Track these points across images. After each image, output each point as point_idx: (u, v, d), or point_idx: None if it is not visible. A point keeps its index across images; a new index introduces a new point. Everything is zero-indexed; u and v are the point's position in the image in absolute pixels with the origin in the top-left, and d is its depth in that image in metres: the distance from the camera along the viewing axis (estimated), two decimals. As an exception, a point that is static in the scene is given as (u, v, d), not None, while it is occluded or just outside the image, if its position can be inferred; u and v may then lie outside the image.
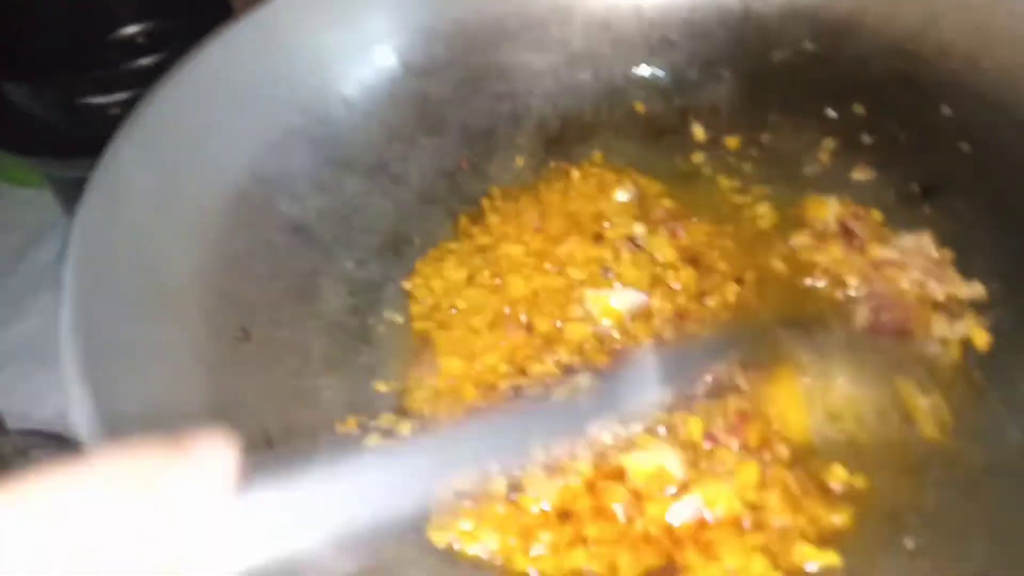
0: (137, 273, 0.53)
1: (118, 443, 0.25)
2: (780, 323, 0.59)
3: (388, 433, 0.56)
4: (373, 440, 0.56)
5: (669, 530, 0.49)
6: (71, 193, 0.89)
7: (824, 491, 0.51)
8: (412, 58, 0.75)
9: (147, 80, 0.64)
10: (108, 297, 0.50)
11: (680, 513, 0.49)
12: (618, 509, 0.50)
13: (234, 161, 0.64)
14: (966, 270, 0.61)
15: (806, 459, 0.52)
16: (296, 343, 0.61)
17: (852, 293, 0.60)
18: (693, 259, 0.64)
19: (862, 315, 0.59)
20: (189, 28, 0.68)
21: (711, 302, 0.61)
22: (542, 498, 0.50)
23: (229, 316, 0.58)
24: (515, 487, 0.51)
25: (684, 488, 0.50)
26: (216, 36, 0.65)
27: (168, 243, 0.57)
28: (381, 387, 0.60)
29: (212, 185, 0.63)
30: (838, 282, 0.61)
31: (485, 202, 0.73)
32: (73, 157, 0.82)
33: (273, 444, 0.52)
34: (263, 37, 0.67)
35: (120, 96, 0.82)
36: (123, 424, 0.44)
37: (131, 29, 0.92)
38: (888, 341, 0.57)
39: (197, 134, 0.62)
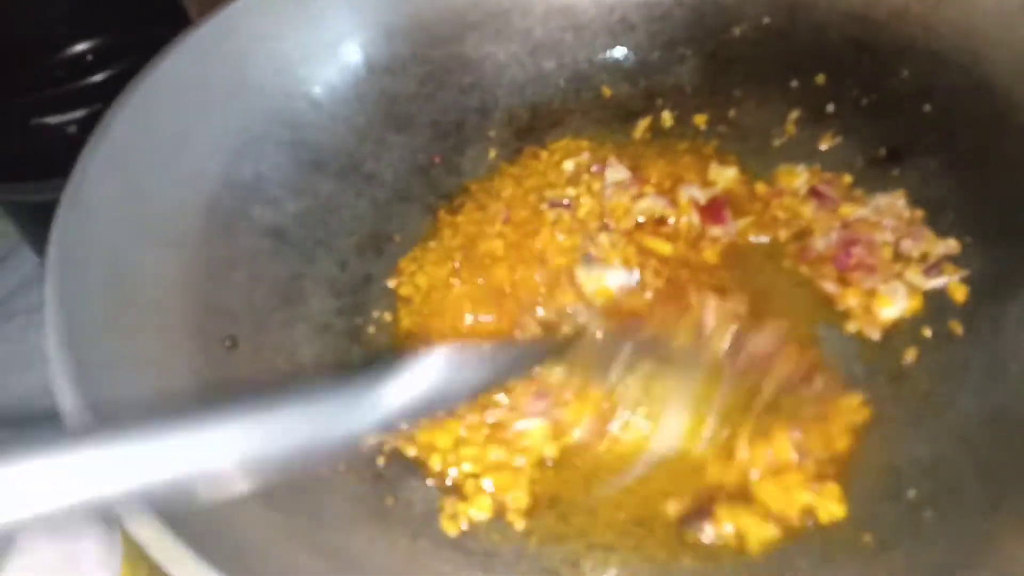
0: (118, 288, 0.52)
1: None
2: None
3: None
4: (370, 441, 0.55)
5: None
6: (29, 218, 0.86)
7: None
8: (376, 56, 0.75)
9: (103, 96, 0.62)
10: (91, 314, 0.49)
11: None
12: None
13: (205, 169, 0.63)
14: (938, 227, 0.63)
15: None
16: (285, 348, 0.60)
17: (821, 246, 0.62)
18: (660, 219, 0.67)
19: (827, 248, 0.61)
20: (143, 42, 0.67)
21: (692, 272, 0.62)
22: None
23: (215, 325, 0.57)
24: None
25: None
26: (176, 44, 0.63)
27: (146, 256, 0.56)
28: (376, 386, 0.60)
29: (185, 195, 0.61)
30: (807, 234, 0.63)
31: (459, 199, 0.73)
32: (31, 180, 0.80)
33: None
34: (223, 42, 0.66)
35: (76, 114, 0.80)
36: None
37: (81, 46, 0.90)
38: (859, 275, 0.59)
39: (165, 145, 0.61)
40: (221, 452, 0.34)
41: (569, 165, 0.73)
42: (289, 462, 0.36)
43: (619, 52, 0.79)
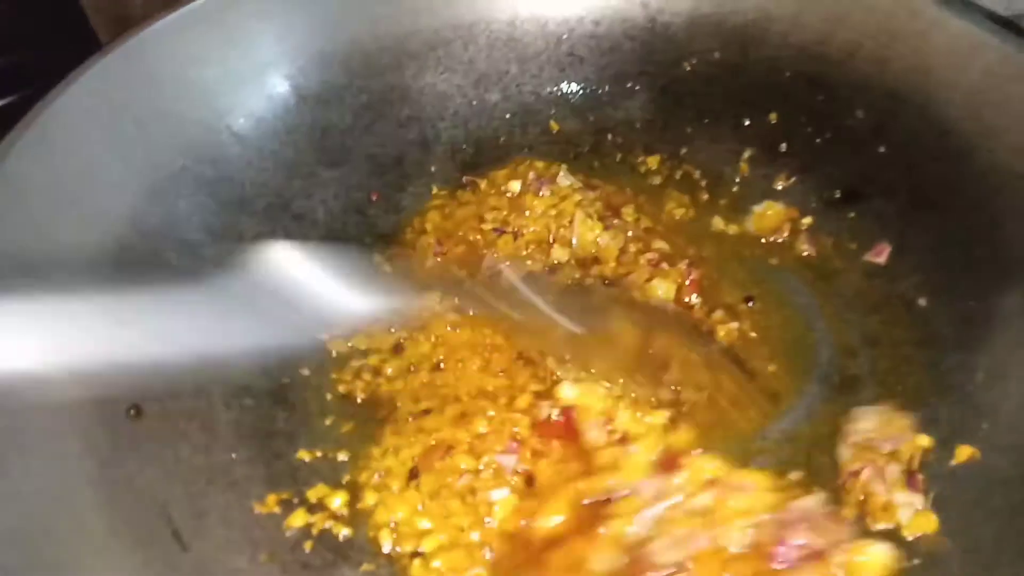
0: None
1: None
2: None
3: (317, 509, 0.50)
4: (298, 519, 0.49)
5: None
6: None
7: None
8: (307, 85, 0.69)
9: (4, 123, 0.55)
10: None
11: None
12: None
13: (112, 211, 0.57)
14: (898, 270, 0.61)
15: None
16: (198, 414, 0.53)
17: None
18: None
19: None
20: (44, 66, 0.60)
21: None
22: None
23: (117, 391, 0.50)
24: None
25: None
26: (82, 70, 0.57)
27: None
28: (305, 456, 0.54)
29: (89, 239, 0.55)
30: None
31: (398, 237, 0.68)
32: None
33: (182, 537, 0.45)
34: (135, 68, 0.60)
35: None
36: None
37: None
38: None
39: (68, 181, 0.54)
40: None
41: (515, 186, 0.69)
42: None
43: (567, 86, 0.75)
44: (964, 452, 0.49)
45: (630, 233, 0.65)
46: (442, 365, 0.58)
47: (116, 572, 0.41)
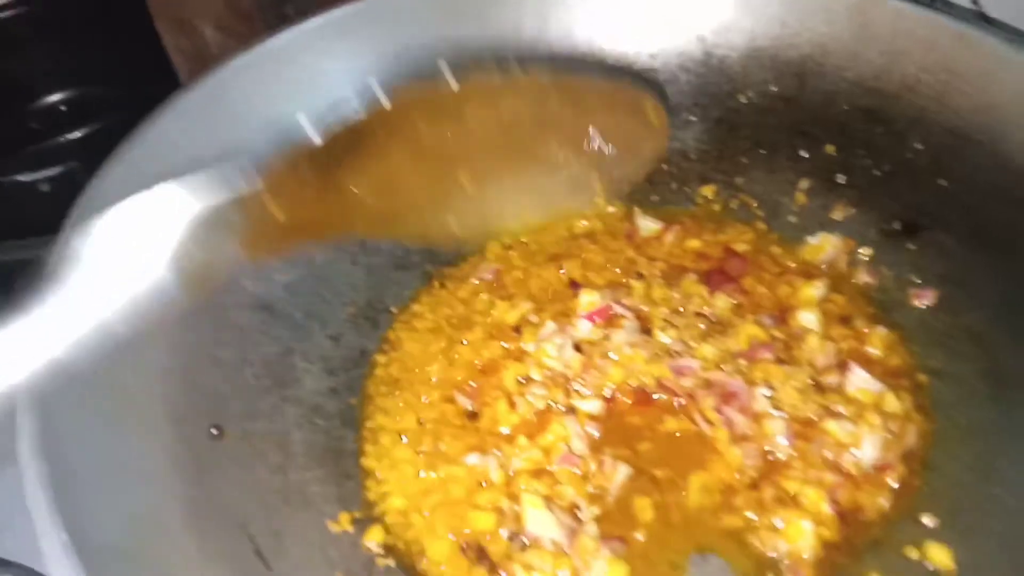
0: (94, 377, 0.48)
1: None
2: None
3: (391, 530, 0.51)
4: (376, 535, 0.51)
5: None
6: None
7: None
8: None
9: (77, 154, 0.59)
10: (66, 408, 0.44)
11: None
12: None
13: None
14: (956, 304, 0.61)
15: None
16: (274, 435, 0.56)
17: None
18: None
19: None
20: (124, 97, 0.64)
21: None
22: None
23: (200, 412, 0.53)
24: None
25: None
26: (165, 107, 0.60)
27: (126, 336, 0.52)
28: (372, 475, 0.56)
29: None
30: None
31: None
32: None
33: (264, 556, 0.47)
34: (216, 104, 0.63)
35: (49, 172, 0.76)
36: (97, 551, 0.38)
37: (53, 97, 0.86)
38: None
39: (150, 214, 0.57)
40: None
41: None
42: None
43: (623, 116, 0.76)
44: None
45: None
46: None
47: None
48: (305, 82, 0.67)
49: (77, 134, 0.77)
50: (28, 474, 0.38)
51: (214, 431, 0.52)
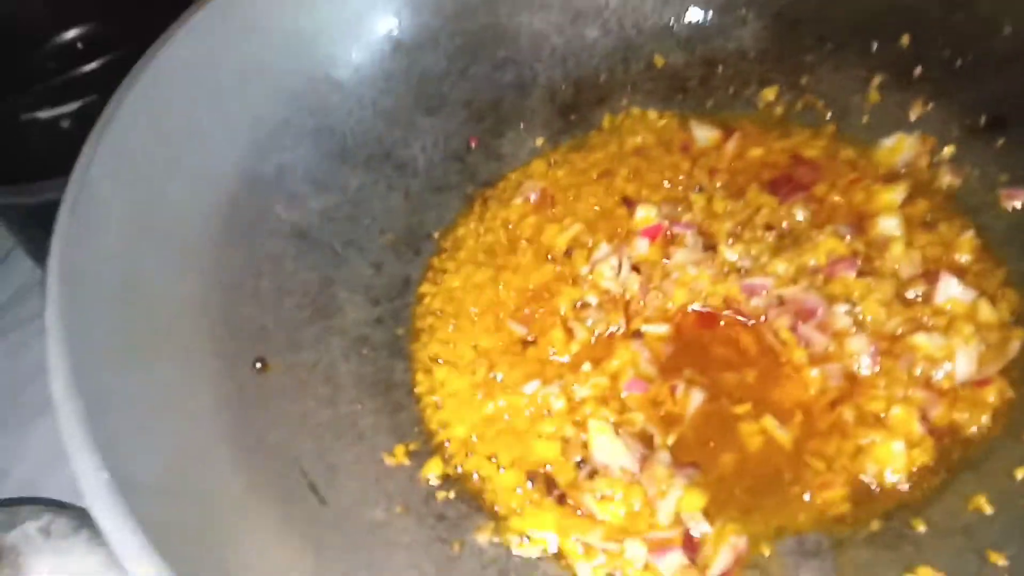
0: (129, 309, 0.45)
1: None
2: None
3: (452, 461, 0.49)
4: (434, 467, 0.48)
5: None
6: (25, 222, 0.79)
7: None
8: (402, 30, 0.67)
9: (97, 87, 0.55)
10: (100, 341, 0.41)
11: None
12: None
13: (220, 166, 0.56)
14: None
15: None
16: (321, 367, 0.53)
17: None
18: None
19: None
20: (139, 27, 0.59)
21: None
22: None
23: (241, 344, 0.50)
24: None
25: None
26: (178, 26, 0.55)
27: (159, 269, 0.49)
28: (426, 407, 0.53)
29: (199, 196, 0.54)
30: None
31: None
32: (24, 182, 0.72)
33: (319, 491, 0.45)
34: (232, 22, 0.58)
35: (69, 107, 0.72)
36: (139, 489, 0.36)
37: (70, 34, 0.82)
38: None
39: (174, 139, 0.53)
40: None
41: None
42: None
43: (671, 17, 0.70)
44: None
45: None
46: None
47: (258, 528, 0.41)
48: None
49: (94, 65, 0.72)
50: (63, 412, 0.35)
51: (258, 364, 0.49)
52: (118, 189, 0.49)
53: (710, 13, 0.70)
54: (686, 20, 0.70)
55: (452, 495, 0.48)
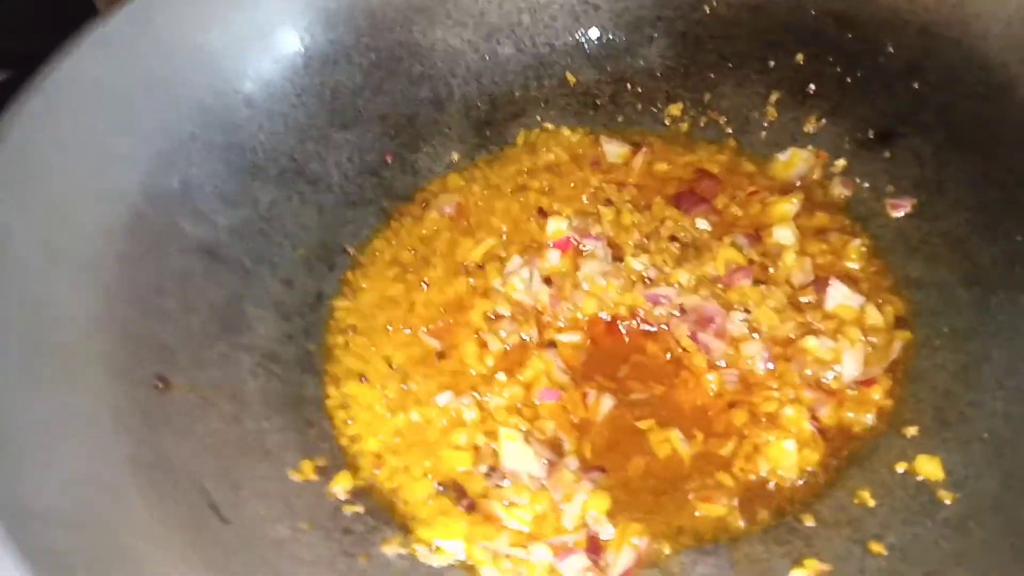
0: (26, 330, 0.44)
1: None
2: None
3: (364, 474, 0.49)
4: (344, 481, 0.48)
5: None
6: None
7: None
8: (314, 45, 0.66)
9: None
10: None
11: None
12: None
13: (124, 182, 0.55)
14: (933, 211, 0.59)
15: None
16: (226, 384, 0.52)
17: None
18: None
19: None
20: (40, 46, 0.57)
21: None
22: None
23: (142, 363, 0.49)
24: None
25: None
26: (83, 37, 0.54)
27: (58, 288, 0.48)
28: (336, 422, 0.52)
29: (101, 212, 0.53)
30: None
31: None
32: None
33: (220, 511, 0.44)
34: (138, 35, 0.57)
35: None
36: (35, 520, 0.35)
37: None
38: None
39: (75, 155, 0.52)
40: None
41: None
42: None
43: (582, 35, 0.72)
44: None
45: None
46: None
47: (161, 553, 0.40)
48: (236, 6, 0.62)
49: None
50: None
51: (159, 384, 0.48)
52: (13, 205, 0.47)
53: (621, 32, 0.72)
54: (596, 38, 0.72)
55: (361, 509, 0.48)
